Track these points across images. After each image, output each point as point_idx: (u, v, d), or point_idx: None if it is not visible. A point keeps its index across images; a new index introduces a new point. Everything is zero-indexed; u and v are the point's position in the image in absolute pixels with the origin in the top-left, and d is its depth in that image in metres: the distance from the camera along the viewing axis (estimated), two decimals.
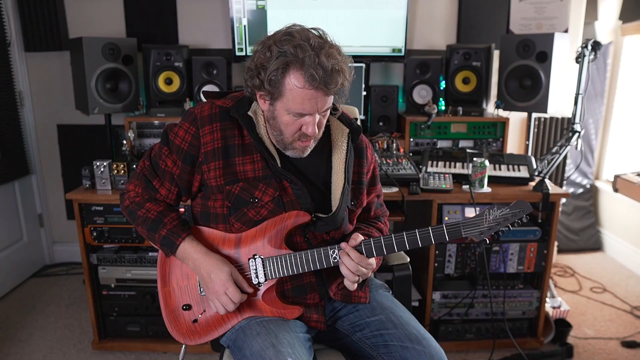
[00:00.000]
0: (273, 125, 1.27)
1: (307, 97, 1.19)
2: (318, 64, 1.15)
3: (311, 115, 1.23)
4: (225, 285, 1.24)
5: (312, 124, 1.23)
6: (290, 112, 1.22)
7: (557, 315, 2.48)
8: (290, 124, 1.24)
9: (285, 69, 1.17)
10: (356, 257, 1.24)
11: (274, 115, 1.25)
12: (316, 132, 1.25)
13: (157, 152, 1.36)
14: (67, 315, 2.69)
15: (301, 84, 1.17)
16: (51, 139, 3.14)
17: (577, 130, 2.30)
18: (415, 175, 2.25)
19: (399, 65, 2.96)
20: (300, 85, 1.17)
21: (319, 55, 1.15)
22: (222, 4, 2.86)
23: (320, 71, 1.15)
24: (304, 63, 1.15)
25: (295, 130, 1.25)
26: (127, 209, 1.38)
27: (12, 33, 2.90)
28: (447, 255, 2.30)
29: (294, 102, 1.20)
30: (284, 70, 1.17)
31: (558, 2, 2.89)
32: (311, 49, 1.16)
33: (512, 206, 1.21)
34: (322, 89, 1.18)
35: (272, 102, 1.24)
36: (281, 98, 1.21)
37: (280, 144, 1.30)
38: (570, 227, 3.54)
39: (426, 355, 1.25)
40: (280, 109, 1.23)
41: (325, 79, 1.16)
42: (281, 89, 1.19)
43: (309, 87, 1.17)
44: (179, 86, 2.59)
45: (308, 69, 1.15)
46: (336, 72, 1.18)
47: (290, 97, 1.19)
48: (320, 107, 1.22)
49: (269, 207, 1.29)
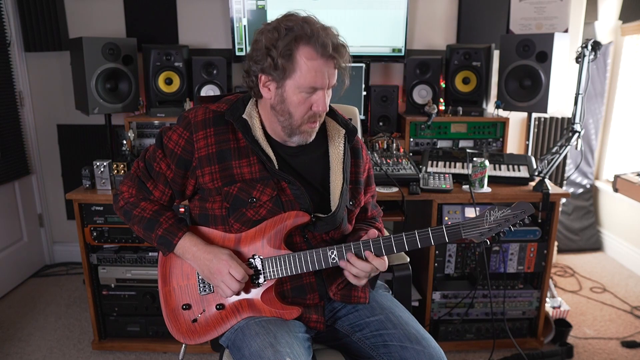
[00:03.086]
0: (281, 110, 1.27)
1: (319, 69, 1.21)
2: (327, 36, 1.20)
3: (322, 90, 1.24)
4: (228, 263, 1.25)
5: (322, 100, 1.25)
6: (302, 89, 1.23)
7: (557, 315, 2.48)
8: (302, 103, 1.24)
9: (296, 43, 1.19)
10: (360, 265, 1.25)
11: (283, 98, 1.25)
12: (326, 108, 1.27)
13: (152, 154, 1.36)
14: (67, 315, 2.69)
15: (312, 55, 1.20)
16: (51, 139, 3.14)
17: (577, 130, 2.30)
18: (415, 175, 2.25)
19: (399, 65, 2.96)
20: (312, 57, 1.20)
21: (325, 29, 1.22)
22: (222, 4, 2.86)
23: (329, 42, 1.20)
24: (312, 35, 1.19)
25: (306, 110, 1.25)
26: (121, 209, 1.38)
27: (12, 33, 2.91)
28: (447, 255, 2.30)
29: (306, 77, 1.21)
30: (295, 44, 1.19)
31: (558, 2, 2.89)
32: (316, 24, 1.22)
33: (513, 207, 1.20)
34: (333, 59, 1.21)
35: (280, 85, 1.24)
36: (292, 75, 1.22)
37: (287, 129, 1.29)
38: (570, 227, 3.53)
39: (425, 355, 1.25)
40: (290, 89, 1.23)
41: (335, 48, 1.21)
42: (293, 64, 1.21)
43: (320, 57, 1.20)
44: (179, 86, 2.59)
45: (318, 39, 1.19)
46: (342, 45, 1.23)
47: (303, 72, 1.21)
48: (330, 81, 1.24)
49: (268, 207, 1.29)
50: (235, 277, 1.24)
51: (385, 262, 1.27)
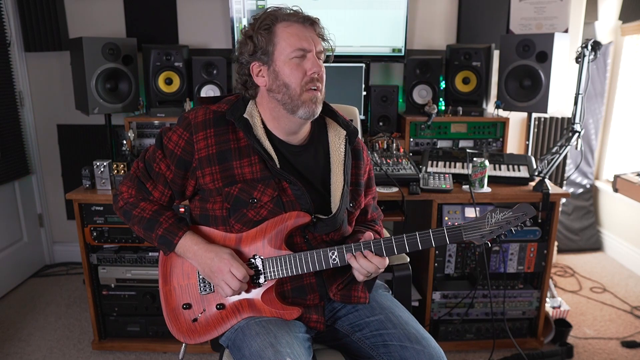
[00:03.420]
0: (277, 87, 1.28)
1: (300, 33, 1.25)
2: (297, 11, 1.29)
3: (310, 53, 1.26)
4: (229, 262, 1.25)
5: (313, 61, 1.26)
6: (290, 56, 1.25)
7: (557, 315, 2.48)
8: (294, 69, 1.25)
9: (272, 19, 1.26)
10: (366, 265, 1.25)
11: (276, 74, 1.27)
12: (321, 69, 1.28)
13: (151, 155, 1.36)
14: (67, 315, 2.69)
15: (289, 24, 1.26)
16: (51, 139, 3.14)
17: (577, 130, 2.30)
18: (415, 175, 2.25)
19: (399, 65, 2.96)
20: (289, 25, 1.26)
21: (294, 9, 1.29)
22: (222, 4, 2.86)
23: (301, 12, 1.28)
24: (285, 11, 1.28)
25: (301, 76, 1.26)
26: (121, 209, 1.39)
27: (12, 33, 2.90)
28: (447, 255, 2.30)
29: (290, 42, 1.24)
30: (271, 20, 1.26)
31: (558, 2, 2.89)
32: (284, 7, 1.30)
33: (515, 209, 1.20)
34: (311, 24, 1.27)
35: (270, 63, 1.27)
36: (276, 47, 1.25)
37: (289, 104, 1.28)
38: (570, 227, 3.54)
39: (425, 355, 1.25)
40: (279, 62, 1.26)
41: (307, 16, 1.28)
42: (274, 38, 1.25)
43: (297, 22, 1.26)
44: (179, 86, 2.59)
45: (290, 12, 1.28)
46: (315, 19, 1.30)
47: (285, 39, 1.25)
48: (316, 44, 1.27)
49: (268, 207, 1.29)
50: (236, 277, 1.24)
51: (385, 261, 1.27)
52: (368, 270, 1.25)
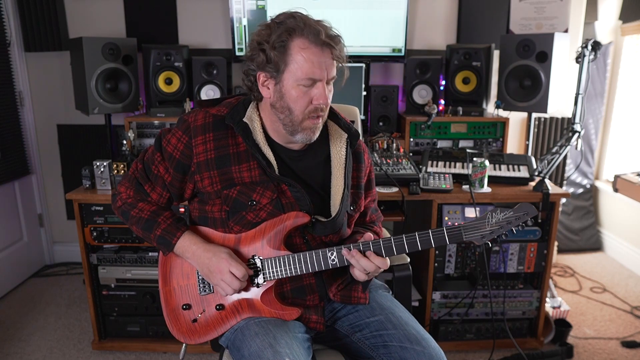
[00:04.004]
0: (280, 107, 1.24)
1: (315, 59, 1.18)
2: (319, 26, 1.19)
3: (321, 82, 1.22)
4: (228, 262, 1.24)
5: (322, 93, 1.22)
6: (300, 82, 1.20)
7: (557, 315, 2.48)
8: (300, 97, 1.22)
9: (289, 35, 1.18)
10: (365, 264, 1.25)
11: (282, 94, 1.23)
12: (328, 101, 1.24)
13: (150, 157, 1.35)
14: (67, 315, 2.69)
15: (306, 45, 1.18)
16: (51, 139, 3.14)
17: (577, 130, 2.30)
18: (415, 175, 2.25)
19: (399, 65, 2.96)
20: (306, 47, 1.18)
21: (317, 21, 1.20)
22: (222, 4, 2.86)
23: (323, 31, 1.18)
24: (305, 25, 1.18)
25: (306, 104, 1.23)
26: (119, 209, 1.39)
27: (12, 33, 2.90)
28: (447, 255, 2.30)
29: (302, 68, 1.19)
30: (288, 36, 1.18)
31: (558, 2, 2.89)
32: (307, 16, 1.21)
33: (515, 209, 1.19)
34: (328, 47, 1.19)
35: (278, 80, 1.22)
36: (288, 68, 1.20)
37: (289, 127, 1.26)
38: (570, 227, 3.53)
39: (425, 355, 1.25)
40: (287, 83, 1.21)
41: (328, 36, 1.19)
42: (287, 57, 1.19)
43: (315, 45, 1.18)
44: (179, 86, 2.59)
45: (311, 29, 1.18)
46: (337, 36, 1.21)
47: (298, 64, 1.19)
48: (329, 72, 1.21)
49: (268, 210, 1.28)
50: (236, 276, 1.24)
51: (387, 261, 1.26)
52: (368, 270, 1.25)
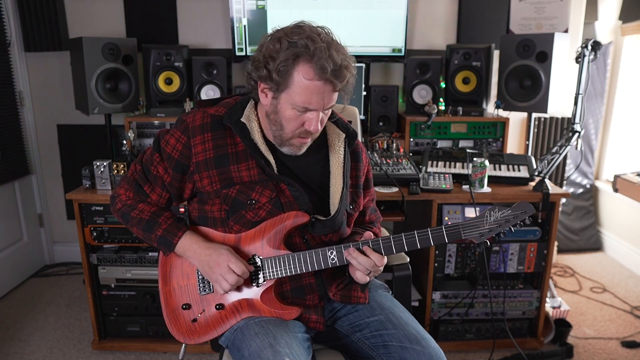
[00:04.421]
0: (274, 119, 1.25)
1: (315, 91, 1.17)
2: (329, 57, 1.14)
3: (316, 111, 1.21)
4: (227, 257, 1.25)
5: (315, 120, 1.21)
6: (295, 107, 1.20)
7: (557, 315, 2.48)
8: (293, 119, 1.22)
9: (295, 60, 1.15)
10: (364, 261, 1.25)
11: (277, 109, 1.23)
12: (319, 129, 1.24)
13: (149, 158, 1.36)
14: (67, 315, 2.69)
15: (310, 76, 1.16)
16: (51, 139, 3.14)
17: (577, 130, 2.30)
18: (415, 175, 2.25)
19: (399, 65, 2.96)
20: (310, 78, 1.16)
21: (329, 49, 1.15)
22: (222, 4, 2.86)
23: (331, 64, 1.14)
24: (314, 55, 1.14)
25: (297, 126, 1.23)
26: (119, 211, 1.39)
27: (12, 33, 2.90)
28: (447, 255, 2.30)
29: (301, 96, 1.18)
30: (293, 61, 1.16)
31: (558, 2, 2.89)
32: (322, 41, 1.16)
33: (514, 207, 1.19)
34: (331, 83, 1.17)
35: (276, 95, 1.21)
36: (287, 90, 1.19)
37: (278, 139, 1.28)
38: (570, 227, 3.53)
39: (425, 355, 1.25)
40: (284, 103, 1.21)
41: (335, 71, 1.16)
42: (289, 81, 1.17)
43: (318, 79, 1.16)
44: (179, 86, 2.59)
45: (319, 61, 1.14)
46: (344, 67, 1.18)
47: (298, 90, 1.17)
48: (326, 103, 1.21)
49: (267, 208, 1.29)
50: (234, 271, 1.24)
51: (383, 259, 1.26)
52: (366, 267, 1.25)
